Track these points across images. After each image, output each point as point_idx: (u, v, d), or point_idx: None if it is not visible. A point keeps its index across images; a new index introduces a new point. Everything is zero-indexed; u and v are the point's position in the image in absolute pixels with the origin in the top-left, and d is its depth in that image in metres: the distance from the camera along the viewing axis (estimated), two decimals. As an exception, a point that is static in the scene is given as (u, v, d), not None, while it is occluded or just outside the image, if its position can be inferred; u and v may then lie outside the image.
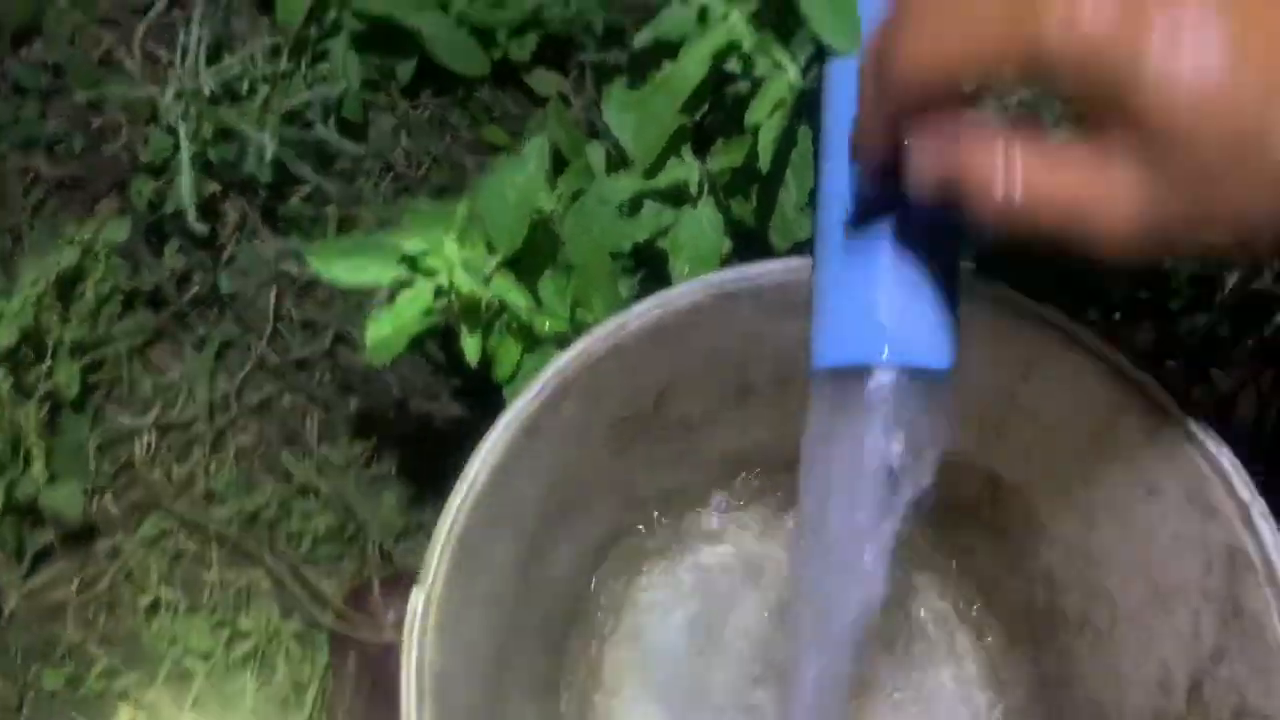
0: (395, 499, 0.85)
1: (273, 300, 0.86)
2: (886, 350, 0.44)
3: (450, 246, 0.47)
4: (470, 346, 0.50)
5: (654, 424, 0.66)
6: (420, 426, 0.86)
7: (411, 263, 0.47)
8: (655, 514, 0.75)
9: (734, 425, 0.70)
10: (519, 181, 0.48)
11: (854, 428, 0.45)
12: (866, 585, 0.49)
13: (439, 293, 0.48)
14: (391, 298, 0.48)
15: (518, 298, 0.49)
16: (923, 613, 0.76)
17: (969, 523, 0.72)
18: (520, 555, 0.60)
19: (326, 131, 0.78)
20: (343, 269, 0.49)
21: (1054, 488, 0.63)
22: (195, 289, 0.86)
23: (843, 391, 0.46)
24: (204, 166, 0.79)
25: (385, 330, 0.48)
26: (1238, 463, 0.50)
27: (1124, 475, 0.57)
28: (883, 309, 0.44)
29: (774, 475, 0.75)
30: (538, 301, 0.53)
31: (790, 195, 0.53)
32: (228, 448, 0.87)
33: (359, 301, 0.86)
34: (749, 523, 0.77)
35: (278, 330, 0.86)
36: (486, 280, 0.48)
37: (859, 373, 0.45)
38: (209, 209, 0.84)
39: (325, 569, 0.86)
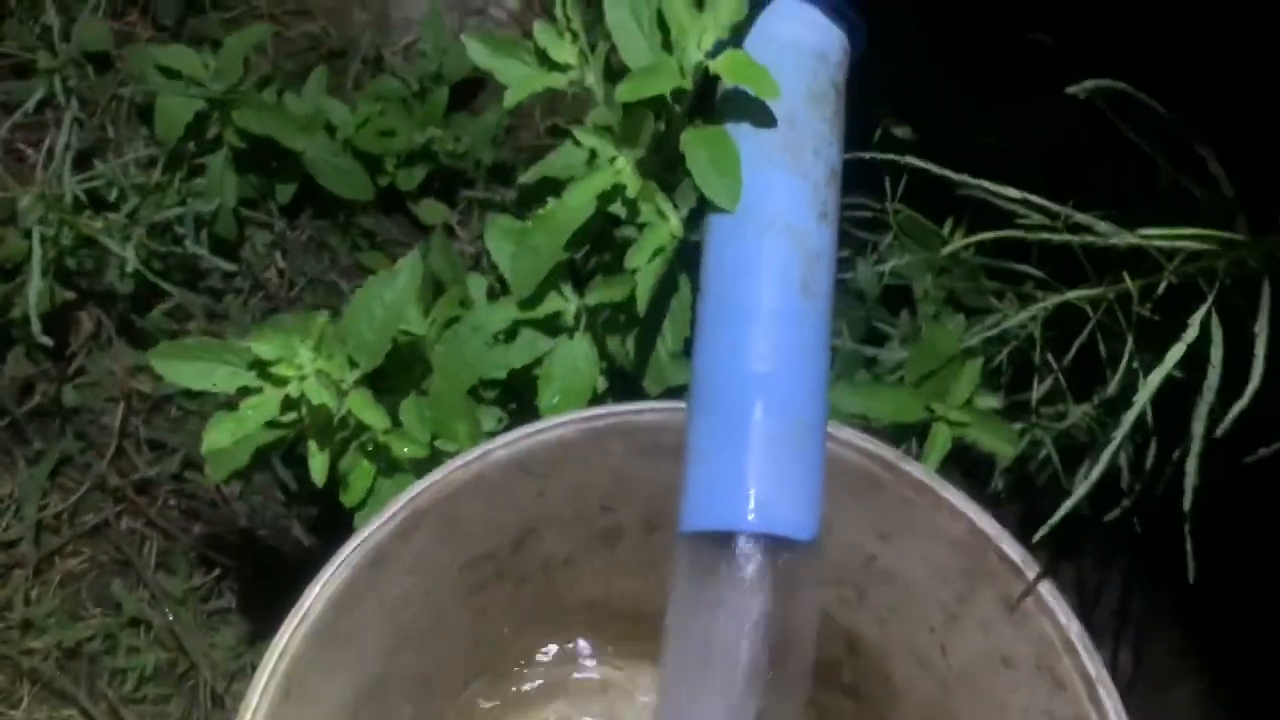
0: (233, 636, 0.80)
1: (120, 416, 0.82)
2: (751, 518, 0.44)
3: (305, 355, 0.45)
4: (317, 464, 0.48)
5: (513, 565, 0.63)
6: (268, 559, 0.81)
7: (261, 368, 0.45)
8: (513, 662, 0.72)
9: (600, 572, 0.68)
10: (388, 298, 0.48)
11: (718, 594, 0.45)
12: None
13: (288, 404, 0.46)
14: (234, 406, 0.46)
15: (374, 417, 0.48)
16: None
17: (831, 685, 0.71)
18: (360, 691, 0.57)
19: (196, 247, 0.76)
20: (186, 372, 0.46)
21: (911, 653, 0.63)
22: (36, 399, 0.81)
23: (707, 557, 0.45)
24: (61, 274, 0.76)
25: (224, 438, 0.45)
26: (1085, 635, 0.51)
27: (980, 645, 0.57)
28: (751, 478, 0.44)
29: (641, 626, 0.73)
30: (397, 424, 0.51)
31: (666, 342, 0.54)
32: (54, 572, 0.81)
33: (215, 423, 0.83)
34: (613, 676, 0.74)
35: (122, 449, 0.82)
36: (342, 394, 0.47)
37: (724, 540, 0.45)
38: (62, 317, 0.81)
39: (149, 709, 0.79)
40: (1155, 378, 0.43)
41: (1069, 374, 0.59)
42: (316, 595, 0.49)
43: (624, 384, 0.60)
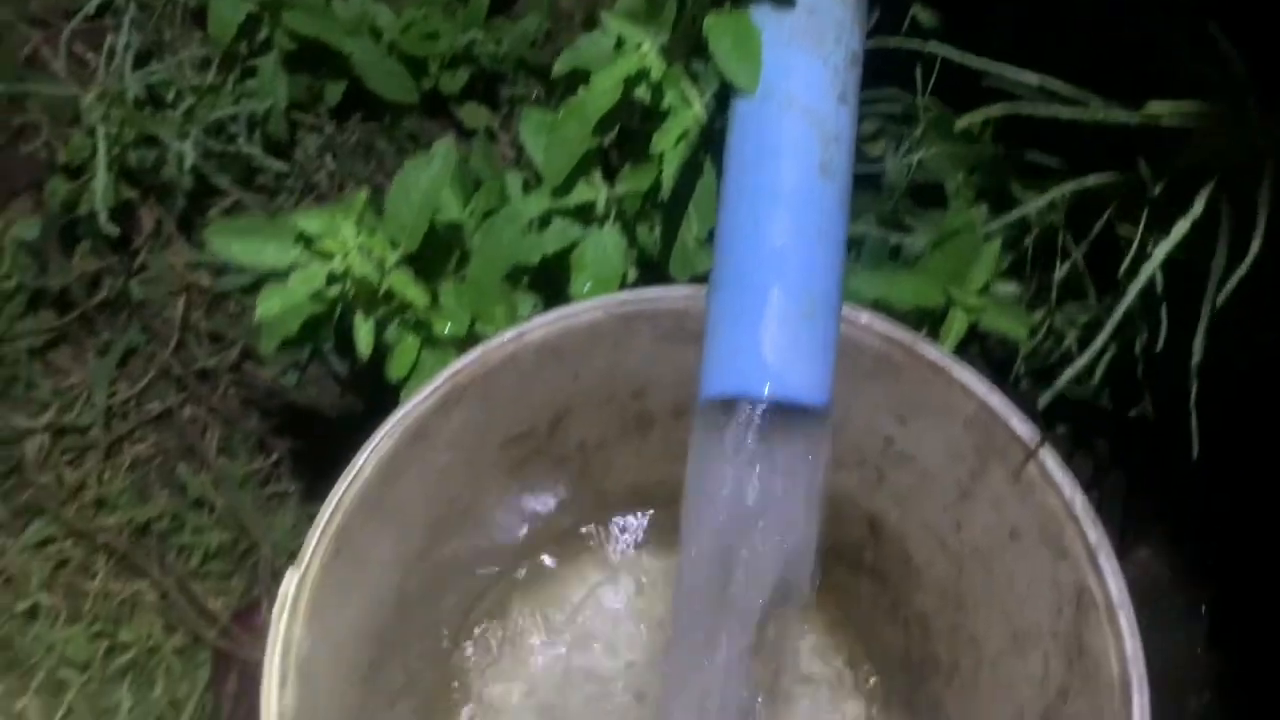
0: (291, 518, 0.85)
1: (181, 310, 0.86)
2: (768, 385, 0.47)
3: (348, 230, 0.49)
4: (363, 335, 0.52)
5: (550, 446, 0.67)
6: (322, 446, 0.86)
7: (307, 243, 0.49)
8: (553, 540, 0.76)
9: (633, 457, 0.72)
10: (423, 182, 0.50)
11: (734, 457, 0.48)
12: (742, 621, 0.51)
13: (332, 278, 0.49)
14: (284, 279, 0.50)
15: (415, 294, 0.51)
16: (807, 661, 0.78)
17: (853, 568, 0.74)
18: (406, 560, 0.61)
19: (250, 146, 0.79)
20: (240, 249, 0.50)
21: (928, 532, 0.66)
22: (104, 294, 0.85)
23: (725, 422, 0.48)
24: (123, 171, 0.79)
25: (275, 306, 0.49)
26: (1089, 505, 0.53)
27: (991, 519, 0.60)
28: (766, 347, 0.47)
29: (675, 511, 0.76)
30: (437, 304, 0.54)
31: (691, 228, 0.56)
32: (123, 456, 0.86)
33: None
34: (645, 560, 0.78)
35: (184, 341, 0.86)
36: (385, 273, 0.50)
37: (741, 405, 0.47)
38: (125, 215, 0.85)
39: (214, 585, 0.85)
40: (1162, 250, 0.45)
41: (1090, 267, 0.60)
42: (365, 460, 0.53)
43: (653, 274, 0.62)
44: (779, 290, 0.47)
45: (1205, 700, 0.86)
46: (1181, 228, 0.44)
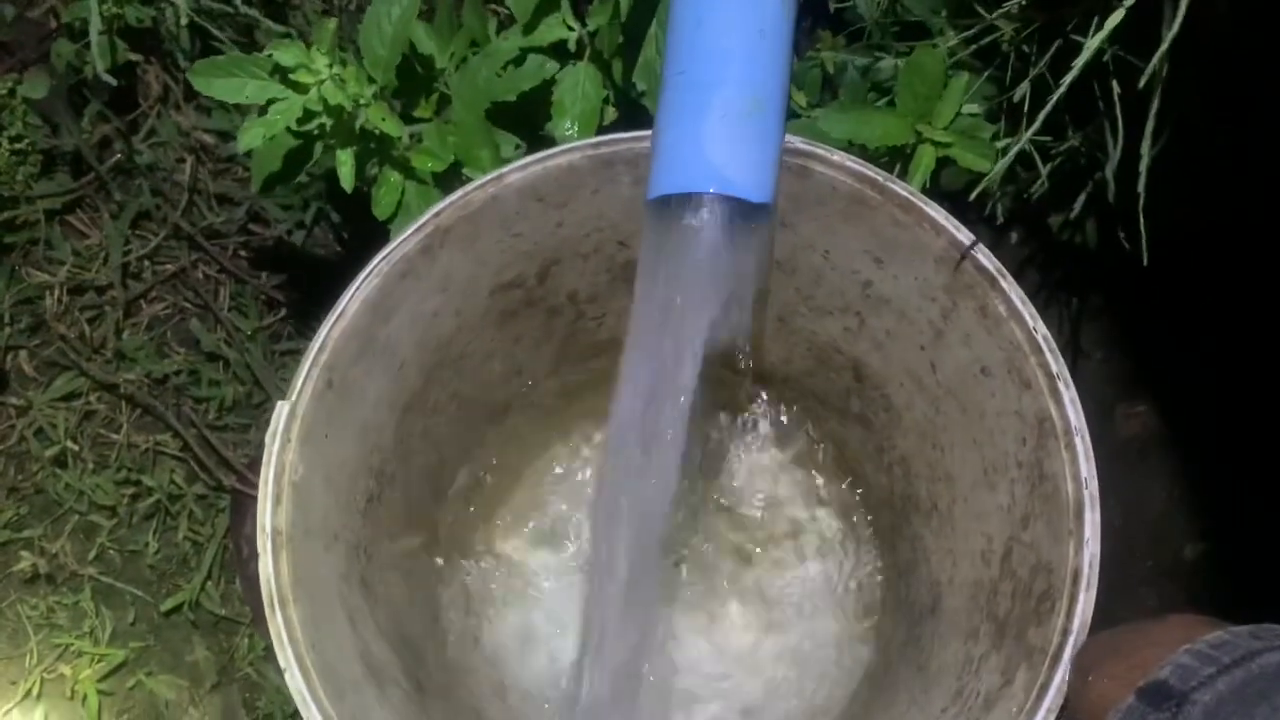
0: (302, 372, 0.88)
1: (189, 173, 0.88)
2: (710, 182, 0.48)
3: (321, 61, 0.50)
4: (345, 170, 0.53)
5: (540, 296, 0.69)
6: (329, 303, 0.88)
7: (283, 75, 0.50)
8: (548, 389, 0.78)
9: (624, 311, 0.73)
10: (394, 14, 0.51)
11: (678, 253, 0.49)
12: (683, 398, 0.53)
13: (309, 110, 0.51)
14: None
15: (392, 126, 0.52)
16: (800, 508, 0.81)
17: (842, 416, 0.77)
18: (402, 401, 0.64)
19: (247, 8, 0.80)
20: (222, 88, 0.51)
21: (907, 374, 0.68)
22: (116, 157, 0.88)
23: (671, 220, 0.49)
24: (124, 32, 0.81)
25: (256, 139, 0.50)
26: (1050, 337, 0.55)
27: (963, 357, 0.62)
28: (708, 144, 0.47)
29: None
30: (420, 144, 0.56)
31: (660, 55, 0.56)
32: (141, 314, 0.90)
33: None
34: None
35: (194, 202, 0.89)
36: (362, 105, 0.51)
37: (687, 202, 0.49)
38: (129, 78, 0.86)
39: (232, 437, 0.89)
40: (1096, 39, 0.44)
41: (1069, 107, 0.60)
42: (351, 297, 0.55)
43: (636, 119, 0.63)
44: (722, 88, 0.48)
45: (1200, 550, 0.89)
46: (1116, 16, 0.44)
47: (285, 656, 0.49)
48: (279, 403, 0.52)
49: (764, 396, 0.80)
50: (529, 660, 0.74)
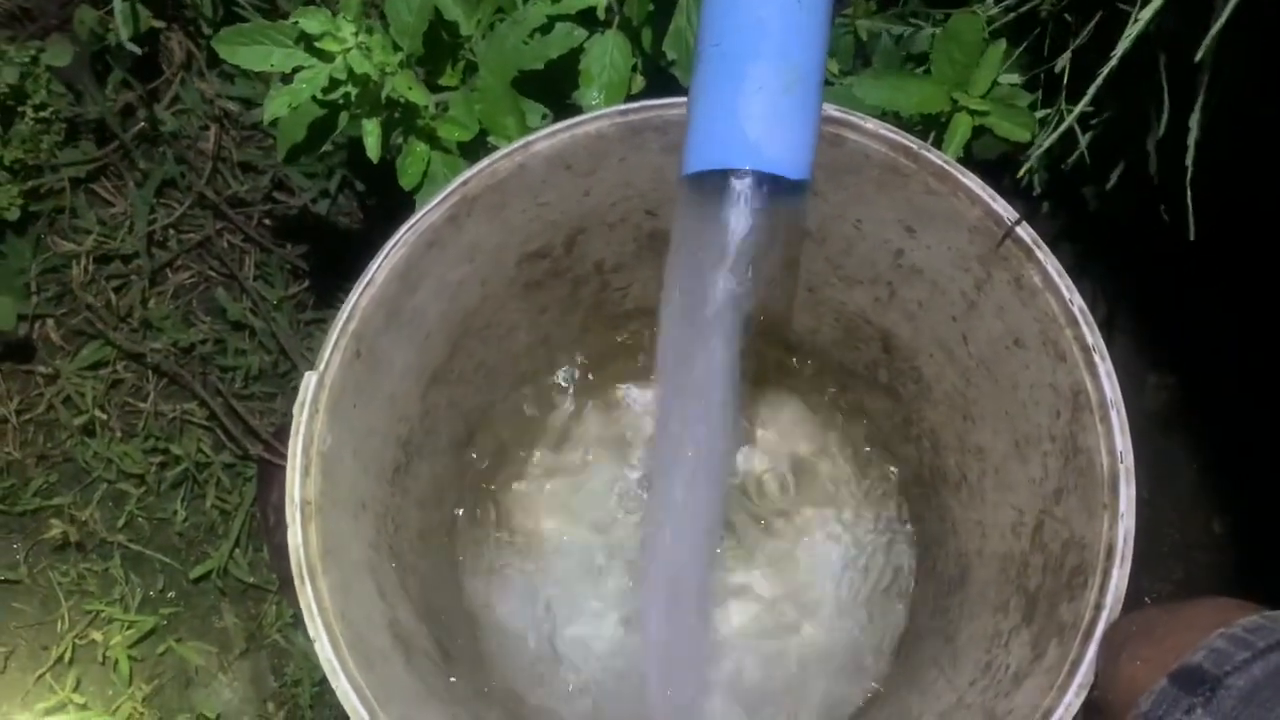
0: (327, 341, 0.88)
1: (214, 141, 0.88)
2: (748, 158, 0.47)
3: (347, 29, 0.49)
4: (371, 140, 0.53)
5: (566, 265, 0.68)
6: (354, 271, 0.88)
7: (309, 43, 0.49)
8: (573, 359, 0.78)
9: (650, 280, 0.73)
10: (421, -21, 0.51)
11: (714, 227, 0.48)
12: (723, 366, 0.53)
13: (334, 79, 0.50)
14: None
15: (418, 95, 0.52)
16: (823, 477, 0.80)
17: (870, 387, 0.76)
18: (429, 370, 0.63)
19: (270, -29, 0.79)
20: (247, 56, 0.51)
21: (938, 345, 0.67)
22: (139, 125, 0.87)
23: (707, 194, 0.49)
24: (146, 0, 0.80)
25: (281, 108, 0.50)
26: (1086, 309, 0.54)
27: (996, 329, 0.61)
28: (745, 120, 0.47)
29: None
30: (446, 113, 0.55)
31: (691, 24, 0.55)
32: (167, 283, 0.90)
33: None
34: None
35: (218, 171, 0.89)
36: (385, 72, 0.51)
37: (723, 178, 0.48)
38: (152, 46, 0.86)
39: (258, 406, 0.89)
40: (1149, 10, 0.43)
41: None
42: (379, 267, 0.55)
43: (665, 87, 0.62)
44: (759, 61, 0.47)
45: (1228, 523, 0.89)
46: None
47: (315, 626, 0.49)
48: (307, 373, 0.52)
49: (793, 363, 0.79)
50: (547, 629, 0.74)
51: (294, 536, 0.50)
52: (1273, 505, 0.84)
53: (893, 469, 0.78)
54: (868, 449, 0.79)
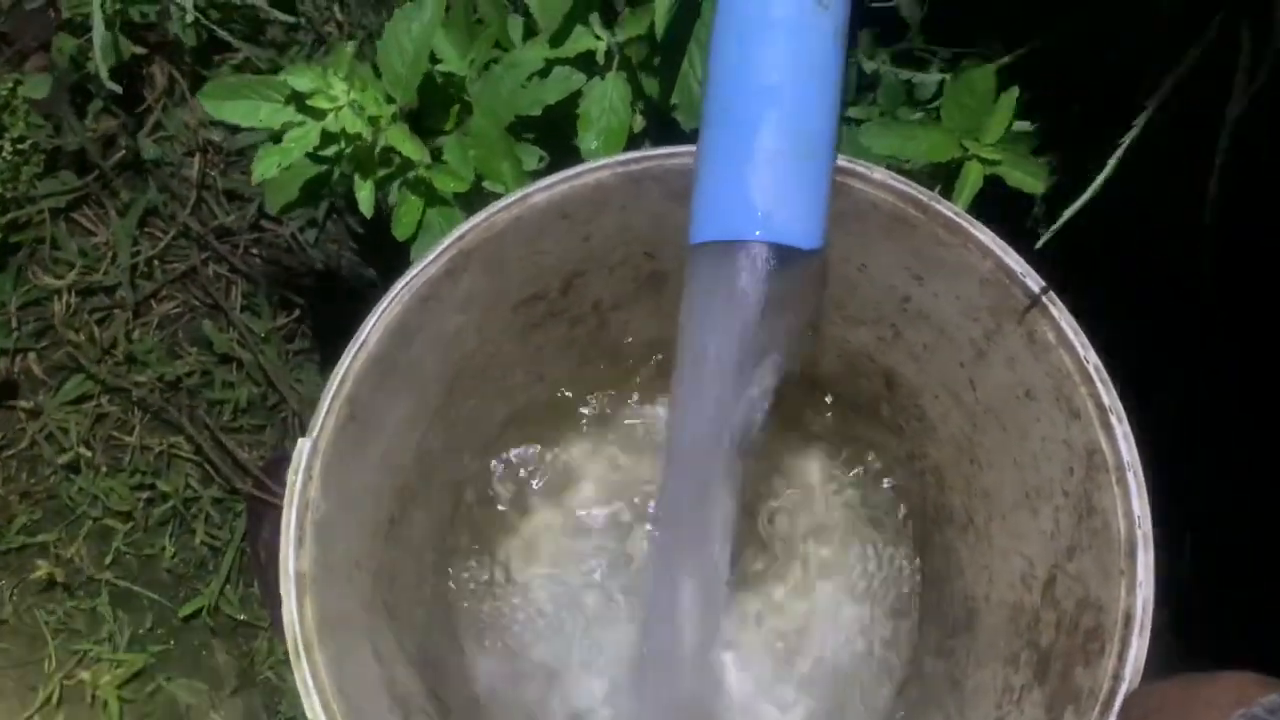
0: (316, 373, 0.87)
1: (198, 169, 0.86)
2: (757, 229, 0.45)
3: (339, 86, 0.47)
4: (364, 196, 0.51)
5: (563, 307, 0.67)
6: (343, 301, 0.86)
7: (299, 101, 0.47)
8: (570, 397, 0.76)
9: (649, 316, 0.71)
10: (415, 30, 0.49)
11: (725, 298, 0.47)
12: (737, 439, 0.51)
13: (327, 137, 0.48)
14: (279, 140, 0.49)
15: (412, 150, 0.50)
16: (825, 508, 0.79)
17: (874, 420, 0.75)
18: (424, 418, 0.62)
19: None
20: (233, 110, 0.49)
21: (944, 389, 0.66)
22: (121, 153, 0.85)
23: (717, 265, 0.47)
24: (127, 27, 0.78)
25: (270, 169, 0.48)
26: (1101, 367, 0.53)
27: (1006, 378, 0.59)
28: (755, 189, 0.45)
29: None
30: (442, 163, 0.53)
31: (695, 69, 0.54)
32: (151, 315, 0.88)
33: (288, 175, 0.86)
34: (663, 412, 0.79)
35: (202, 199, 0.86)
36: (381, 129, 0.49)
37: (732, 248, 0.46)
38: (135, 73, 0.84)
39: (246, 439, 0.87)
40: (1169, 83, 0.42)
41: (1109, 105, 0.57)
42: (373, 326, 0.53)
43: (663, 131, 0.60)
44: (769, 128, 0.45)
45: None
46: (1193, 54, 0.41)
47: (312, 707, 0.48)
48: (300, 440, 0.50)
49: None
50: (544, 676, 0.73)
51: (289, 613, 0.48)
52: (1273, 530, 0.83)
53: (899, 504, 0.77)
54: (871, 480, 0.78)
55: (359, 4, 0.85)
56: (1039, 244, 0.46)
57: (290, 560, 0.49)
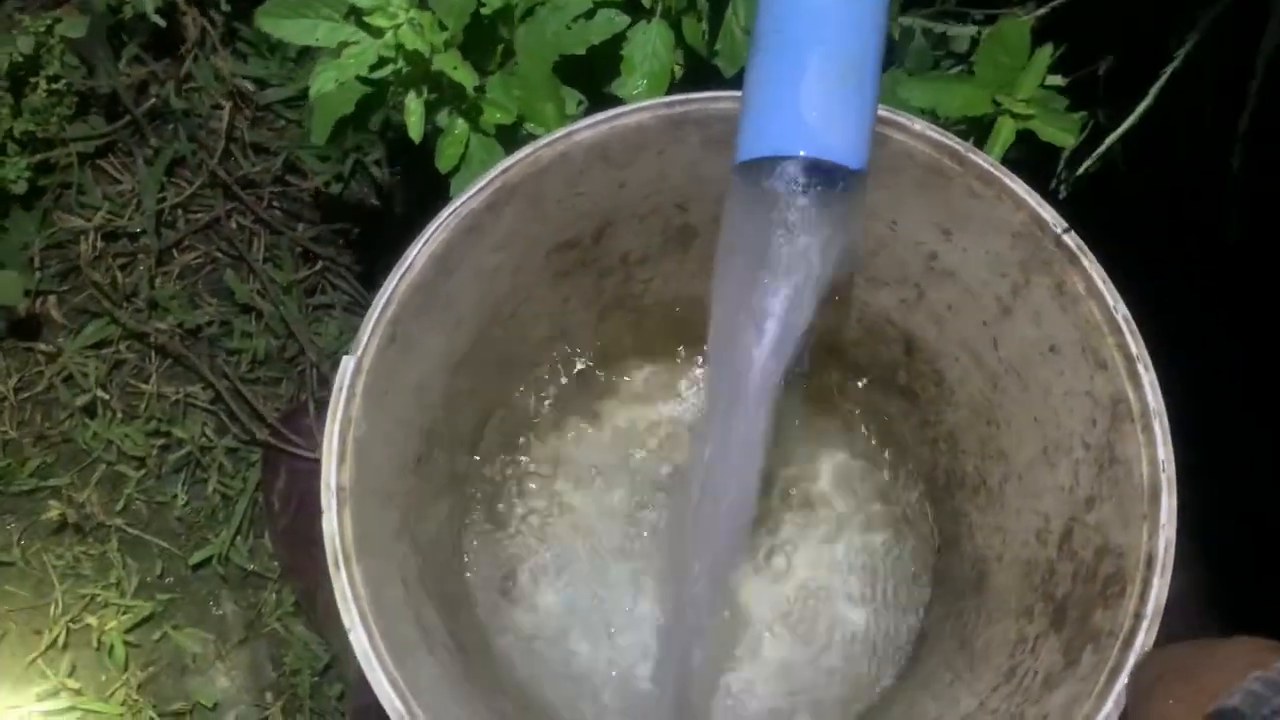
0: (336, 327, 0.87)
1: (226, 120, 0.86)
2: (804, 145, 0.46)
3: (398, 4, 0.48)
4: (414, 118, 0.52)
5: (593, 256, 0.68)
6: (366, 256, 0.87)
7: (358, 17, 0.48)
8: (591, 354, 0.77)
9: (673, 274, 0.73)
10: (466, -43, 0.50)
11: (767, 216, 0.48)
12: (771, 367, 0.52)
13: (384, 55, 0.49)
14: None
15: (463, 75, 0.51)
16: (835, 477, 0.80)
17: (889, 389, 0.76)
18: (454, 358, 0.63)
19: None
20: (291, 29, 0.50)
21: (964, 349, 0.67)
22: (151, 101, 0.86)
23: (760, 182, 0.48)
24: (166, -28, 0.79)
25: (328, 83, 0.49)
26: (1130, 317, 0.54)
27: (1030, 334, 0.61)
28: (804, 107, 0.46)
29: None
30: (485, 95, 0.54)
31: (738, 18, 0.55)
32: (174, 263, 0.88)
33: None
34: (682, 371, 0.80)
35: (229, 150, 0.87)
36: (434, 49, 0.50)
37: (776, 166, 0.47)
38: (170, 22, 0.84)
39: (263, 390, 0.88)
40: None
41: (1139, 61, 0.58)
42: (419, 252, 0.54)
43: (700, 76, 0.62)
44: (818, 50, 0.46)
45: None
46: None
47: (350, 616, 0.48)
48: (345, 357, 0.51)
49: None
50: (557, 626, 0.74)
51: (329, 523, 0.49)
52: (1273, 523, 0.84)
53: (908, 468, 0.78)
54: (882, 449, 0.79)
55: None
56: (1079, 171, 0.47)
57: (332, 473, 0.49)
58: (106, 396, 0.86)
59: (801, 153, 0.47)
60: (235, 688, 0.85)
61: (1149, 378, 0.53)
